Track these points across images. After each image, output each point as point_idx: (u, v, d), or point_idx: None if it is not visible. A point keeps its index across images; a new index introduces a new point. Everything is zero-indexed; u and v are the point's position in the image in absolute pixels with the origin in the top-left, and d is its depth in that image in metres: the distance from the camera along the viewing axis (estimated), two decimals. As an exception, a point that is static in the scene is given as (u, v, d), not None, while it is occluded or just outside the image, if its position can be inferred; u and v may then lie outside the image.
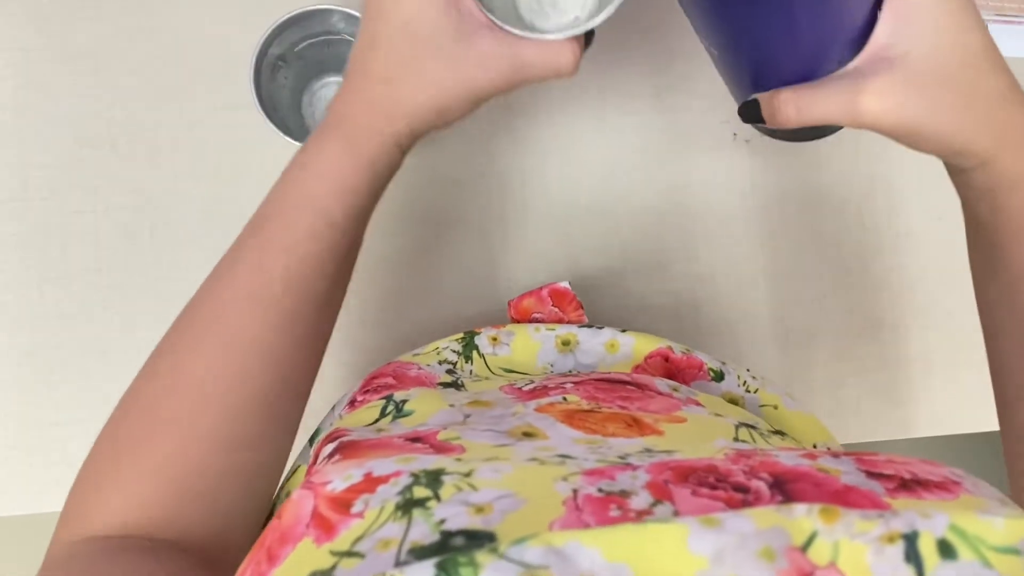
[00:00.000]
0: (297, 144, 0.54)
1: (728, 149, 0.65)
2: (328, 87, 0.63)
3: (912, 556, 0.21)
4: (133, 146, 0.63)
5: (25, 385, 0.62)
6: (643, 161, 0.65)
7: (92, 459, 0.38)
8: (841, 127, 0.44)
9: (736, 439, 0.35)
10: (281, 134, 0.54)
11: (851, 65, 0.38)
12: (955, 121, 0.37)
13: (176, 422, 0.37)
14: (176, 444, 0.37)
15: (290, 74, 0.59)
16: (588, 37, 0.43)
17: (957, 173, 0.41)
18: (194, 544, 0.36)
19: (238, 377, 0.38)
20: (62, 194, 0.62)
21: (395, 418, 0.37)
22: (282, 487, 0.43)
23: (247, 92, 0.54)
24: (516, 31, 0.40)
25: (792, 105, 0.40)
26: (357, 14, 0.54)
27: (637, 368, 0.49)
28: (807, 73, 0.40)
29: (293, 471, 0.43)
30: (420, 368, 0.46)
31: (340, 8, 0.54)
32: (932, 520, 0.21)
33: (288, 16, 0.53)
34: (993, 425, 0.68)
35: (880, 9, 0.38)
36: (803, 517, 0.21)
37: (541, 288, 0.54)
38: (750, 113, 0.44)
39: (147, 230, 0.63)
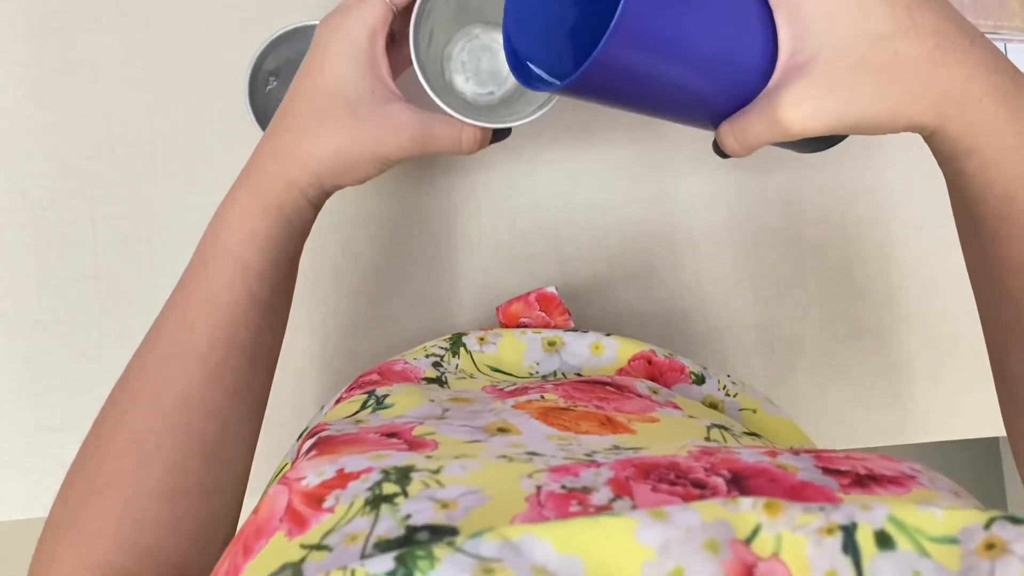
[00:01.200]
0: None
1: (714, 161, 0.66)
2: (322, 99, 0.65)
3: (849, 547, 0.22)
4: (130, 156, 0.64)
5: (22, 391, 0.63)
6: (630, 172, 0.66)
7: (49, 522, 0.39)
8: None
9: (707, 439, 0.36)
10: (273, 145, 0.56)
11: (770, 83, 0.38)
12: (884, 102, 0.35)
13: (118, 481, 0.38)
14: (120, 502, 0.38)
15: (283, 87, 0.60)
16: (504, 132, 0.48)
17: (925, 139, 0.39)
18: None
19: (174, 428, 0.39)
20: (61, 203, 0.64)
21: (375, 410, 0.39)
22: (270, 484, 0.44)
23: (242, 104, 0.56)
24: (437, 99, 0.45)
25: (730, 137, 0.40)
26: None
27: (621, 371, 0.50)
28: (739, 103, 0.40)
29: (281, 468, 0.44)
30: (406, 363, 0.47)
31: (331, 22, 0.55)
32: (872, 512, 0.22)
33: (283, 31, 0.55)
34: (976, 432, 0.69)
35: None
36: (748, 511, 0.22)
37: (529, 293, 0.55)
38: (719, 149, 0.44)
39: (144, 239, 0.64)
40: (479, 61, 0.56)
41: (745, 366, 0.66)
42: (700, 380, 0.49)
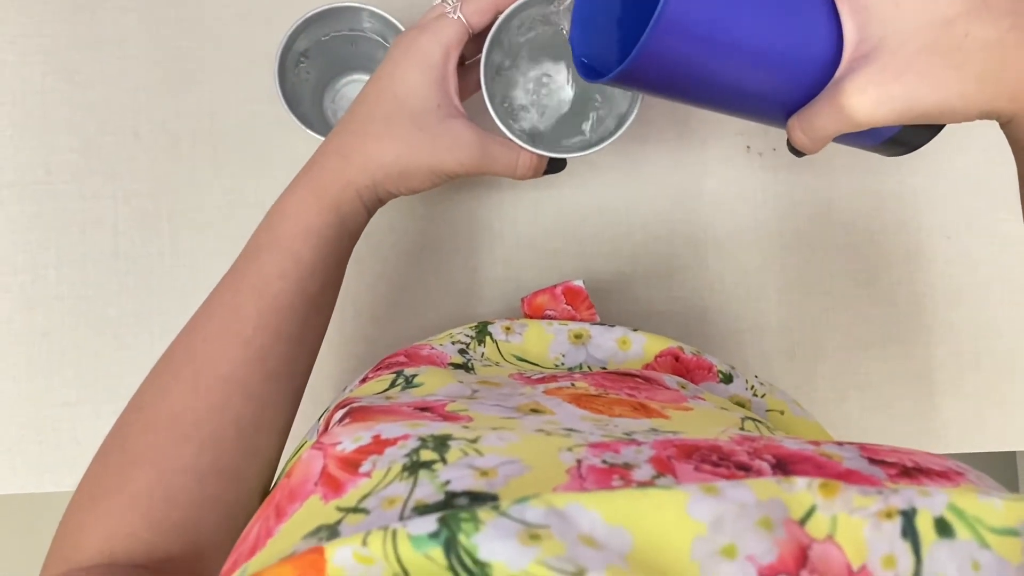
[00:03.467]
0: (318, 137, 0.55)
1: (741, 161, 0.66)
2: (351, 85, 0.64)
3: (909, 532, 0.21)
4: (155, 135, 0.64)
5: (38, 365, 0.62)
6: (656, 169, 0.66)
7: (80, 489, 0.39)
8: (938, 130, 0.42)
9: (742, 428, 0.36)
10: (303, 127, 0.55)
11: (836, 74, 0.37)
12: (956, 87, 0.34)
13: (153, 454, 0.38)
14: (153, 476, 0.38)
15: (313, 69, 0.60)
16: (559, 164, 0.50)
17: (1001, 127, 0.38)
18: (176, 574, 0.37)
19: (213, 408, 0.39)
20: (83, 179, 0.64)
21: (404, 388, 0.38)
22: (287, 463, 0.43)
23: (270, 86, 0.55)
24: (499, 123, 0.46)
25: (798, 131, 0.39)
26: (385, 14, 0.55)
27: (647, 366, 0.49)
28: (809, 97, 0.39)
29: (300, 446, 0.44)
30: (432, 348, 0.47)
31: (368, 7, 0.55)
32: (931, 499, 0.21)
33: (316, 11, 0.54)
34: (996, 445, 0.68)
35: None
36: (803, 491, 0.22)
37: (555, 286, 0.55)
38: (793, 147, 0.44)
39: (165, 217, 0.64)
40: (544, 94, 0.59)
41: (765, 369, 0.66)
42: (728, 379, 0.48)
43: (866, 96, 0.34)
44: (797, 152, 0.43)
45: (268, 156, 0.64)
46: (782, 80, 0.38)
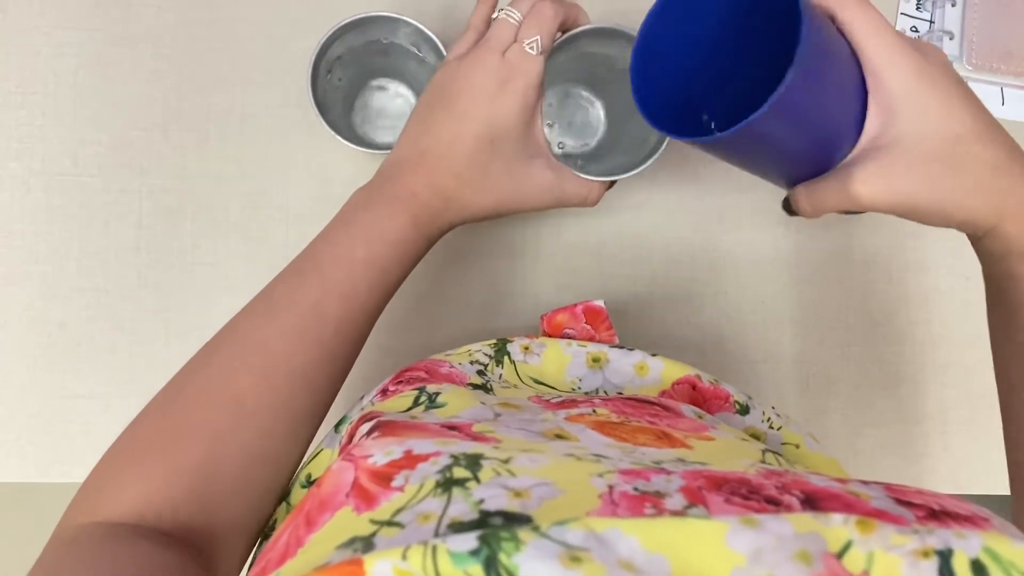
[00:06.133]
0: (347, 144, 0.56)
1: (764, 192, 0.66)
2: (379, 92, 0.64)
3: (946, 572, 0.21)
4: (183, 133, 0.64)
5: (53, 355, 0.62)
6: (679, 194, 0.66)
7: (121, 447, 0.40)
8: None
9: (763, 461, 0.36)
10: (333, 134, 0.55)
11: (849, 156, 0.42)
12: (948, 194, 0.39)
13: (210, 430, 0.39)
14: (206, 450, 0.38)
15: (345, 76, 0.61)
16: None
17: (973, 241, 0.44)
18: (193, 547, 0.37)
19: (279, 399, 0.41)
20: (109, 172, 0.64)
21: (428, 408, 0.38)
22: (302, 469, 0.43)
23: (300, 91, 0.56)
24: (578, 172, 0.50)
25: (805, 200, 0.44)
26: (420, 26, 0.55)
27: (664, 393, 0.49)
28: (820, 170, 0.43)
29: (315, 454, 0.44)
30: (452, 367, 0.47)
31: (404, 17, 0.55)
32: (967, 541, 0.21)
33: (353, 18, 0.55)
34: (1006, 490, 0.68)
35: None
36: (840, 526, 0.22)
37: (576, 305, 0.55)
38: (788, 208, 0.49)
39: (188, 215, 0.64)
40: (573, 116, 0.60)
41: (778, 400, 0.66)
42: (744, 410, 0.48)
43: (871, 186, 0.40)
44: (791, 212, 0.48)
45: (294, 160, 0.65)
46: (813, 156, 0.42)
